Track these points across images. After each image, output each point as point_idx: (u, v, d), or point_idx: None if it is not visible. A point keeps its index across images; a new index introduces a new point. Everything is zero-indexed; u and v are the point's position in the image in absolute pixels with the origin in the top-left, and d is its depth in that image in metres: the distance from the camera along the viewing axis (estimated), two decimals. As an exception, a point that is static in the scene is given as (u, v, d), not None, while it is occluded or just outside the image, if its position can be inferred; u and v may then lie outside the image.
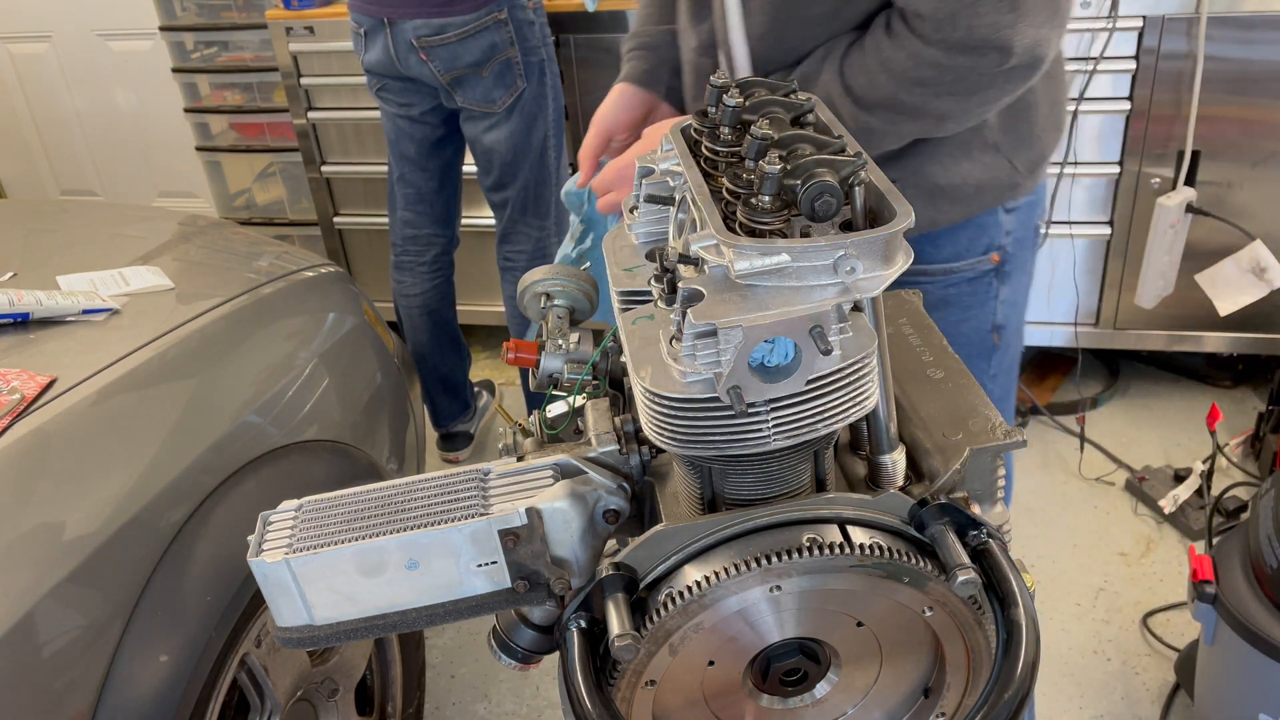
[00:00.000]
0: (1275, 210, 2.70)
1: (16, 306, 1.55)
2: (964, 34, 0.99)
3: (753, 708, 0.85)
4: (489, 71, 2.44)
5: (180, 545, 1.37)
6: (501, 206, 2.68)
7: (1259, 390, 3.11)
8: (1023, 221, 1.29)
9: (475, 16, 2.37)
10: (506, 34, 2.42)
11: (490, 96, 2.48)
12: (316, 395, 1.73)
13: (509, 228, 2.70)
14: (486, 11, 2.38)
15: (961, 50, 1.00)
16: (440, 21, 2.37)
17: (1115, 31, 2.59)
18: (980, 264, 1.28)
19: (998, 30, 0.99)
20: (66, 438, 1.34)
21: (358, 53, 2.58)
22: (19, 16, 4.09)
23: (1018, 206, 1.27)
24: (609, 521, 0.83)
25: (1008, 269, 1.30)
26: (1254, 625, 1.69)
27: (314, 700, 1.67)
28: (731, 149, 0.80)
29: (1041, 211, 1.33)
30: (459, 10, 2.36)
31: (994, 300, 1.31)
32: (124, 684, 1.26)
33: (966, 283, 1.28)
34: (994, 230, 1.27)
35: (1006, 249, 1.28)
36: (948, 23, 0.99)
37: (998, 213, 1.25)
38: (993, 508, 0.86)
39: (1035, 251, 1.36)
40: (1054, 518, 2.68)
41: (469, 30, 2.38)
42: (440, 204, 2.76)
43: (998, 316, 1.33)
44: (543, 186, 2.63)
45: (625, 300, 0.89)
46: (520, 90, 2.48)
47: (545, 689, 2.29)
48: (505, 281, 2.79)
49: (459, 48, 2.40)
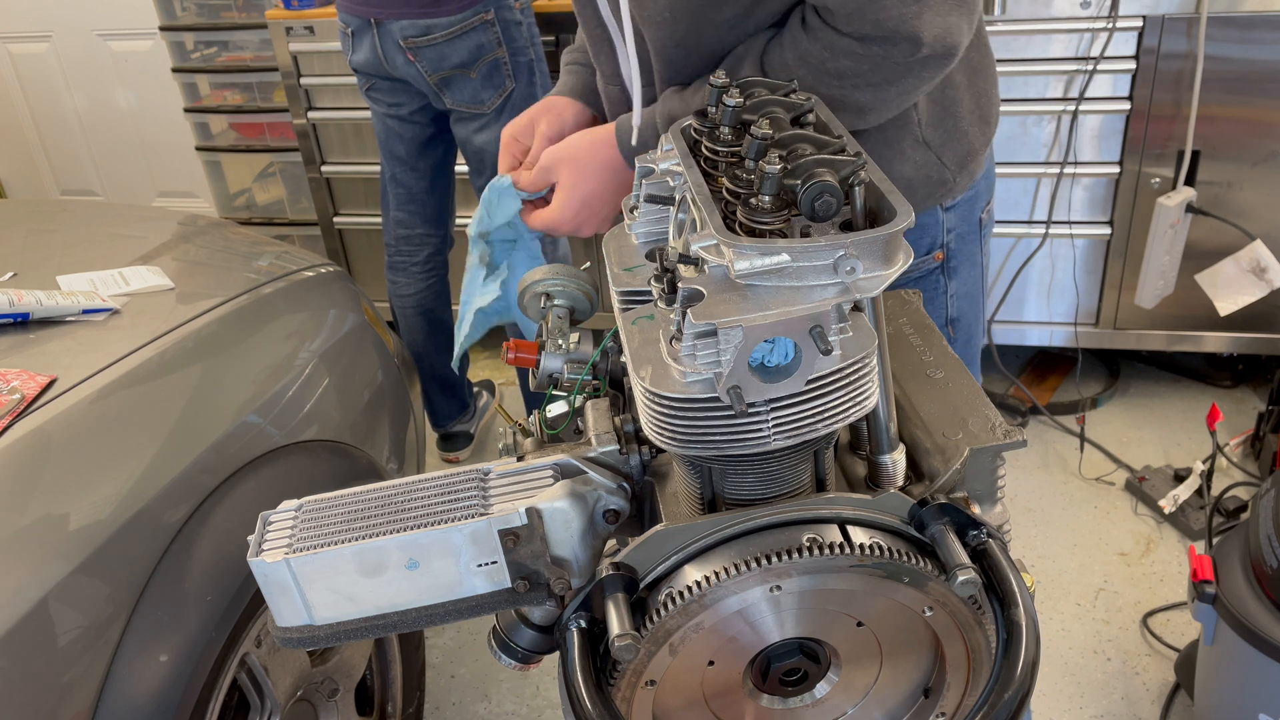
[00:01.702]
0: (1275, 210, 2.70)
1: (16, 306, 1.55)
2: (872, 26, 1.01)
3: (753, 708, 0.85)
4: (477, 72, 2.43)
5: (180, 545, 1.37)
6: None
7: (1259, 390, 3.11)
8: (963, 217, 1.31)
9: (462, 17, 2.37)
10: (494, 34, 2.41)
11: (479, 97, 2.48)
12: (316, 395, 1.73)
13: None
14: (473, 12, 2.37)
15: (874, 41, 1.02)
16: (426, 22, 2.37)
17: (1115, 31, 2.59)
18: (925, 264, 1.30)
19: (904, 21, 1.00)
20: (66, 437, 1.34)
21: (345, 53, 2.59)
22: (19, 16, 4.09)
23: (955, 204, 1.29)
24: (609, 521, 0.83)
25: (953, 264, 1.32)
26: (1254, 625, 1.69)
27: (314, 700, 1.67)
28: (731, 149, 0.80)
29: (985, 202, 1.35)
30: (445, 11, 2.36)
31: (943, 295, 1.33)
32: (124, 684, 1.26)
33: (913, 283, 1.29)
34: (934, 229, 1.28)
35: (949, 246, 1.31)
36: (856, 16, 1.01)
37: (936, 212, 1.27)
38: (993, 508, 0.86)
39: (984, 240, 1.37)
40: (1054, 518, 2.68)
41: (455, 31, 2.38)
42: (432, 204, 2.76)
43: (950, 311, 1.35)
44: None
45: (625, 300, 0.89)
46: (509, 90, 2.48)
47: (545, 689, 2.29)
48: None
49: (446, 48, 2.40)
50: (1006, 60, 2.70)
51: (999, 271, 2.98)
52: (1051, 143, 2.77)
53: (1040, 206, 2.86)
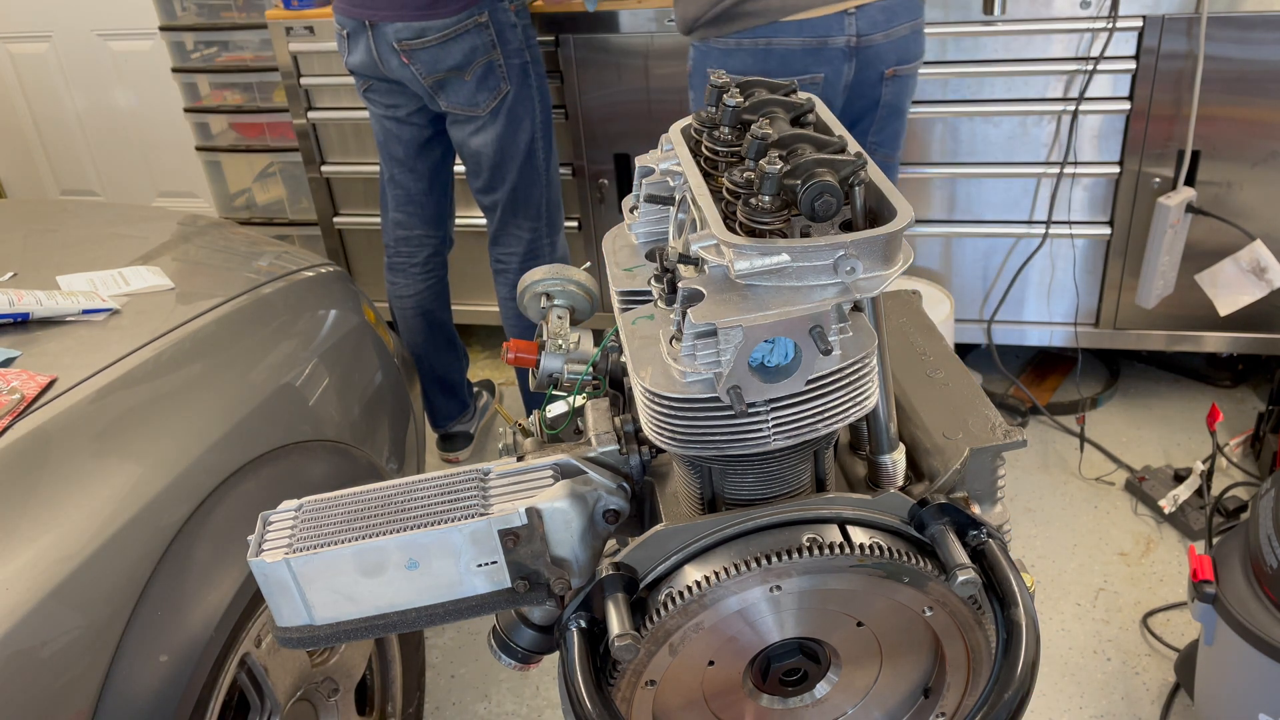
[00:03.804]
0: (1275, 210, 2.70)
1: (16, 306, 1.55)
2: None
3: (753, 708, 0.85)
4: (472, 75, 2.43)
5: (180, 545, 1.37)
6: (491, 209, 2.68)
7: (1259, 390, 3.11)
8: None
9: (456, 20, 2.37)
10: (488, 36, 2.41)
11: (474, 100, 2.48)
12: (316, 395, 1.73)
13: (500, 230, 2.71)
14: (467, 15, 2.37)
15: None
16: (420, 25, 2.37)
17: (1115, 31, 2.59)
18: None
19: None
20: (66, 437, 1.34)
21: (342, 54, 2.59)
22: (19, 16, 4.09)
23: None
24: (609, 521, 0.83)
25: None
26: (1254, 625, 1.69)
27: (314, 700, 1.67)
28: (731, 149, 0.80)
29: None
30: (439, 14, 2.36)
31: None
32: (124, 684, 1.26)
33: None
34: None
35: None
36: None
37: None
38: (993, 508, 0.86)
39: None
40: (1054, 518, 2.68)
41: (449, 33, 2.38)
42: (431, 205, 2.76)
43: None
44: (532, 189, 2.63)
45: (625, 300, 0.89)
46: (505, 93, 2.48)
47: (545, 689, 2.29)
48: (499, 284, 2.80)
49: (440, 51, 2.40)
50: (1006, 60, 2.70)
51: (999, 271, 2.98)
52: (1051, 143, 2.77)
53: (1040, 206, 2.86)
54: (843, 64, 2.19)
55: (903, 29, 2.23)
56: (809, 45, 2.15)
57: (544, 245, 2.71)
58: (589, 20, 2.85)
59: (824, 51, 2.17)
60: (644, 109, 2.94)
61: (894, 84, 2.30)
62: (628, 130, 2.98)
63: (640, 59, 2.88)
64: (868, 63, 2.22)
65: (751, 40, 2.15)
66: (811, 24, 2.13)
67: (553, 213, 2.70)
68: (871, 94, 2.29)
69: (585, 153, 3.05)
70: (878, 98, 2.30)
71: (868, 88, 2.27)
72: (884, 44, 2.21)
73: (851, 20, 2.15)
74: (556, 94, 2.97)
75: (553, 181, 2.67)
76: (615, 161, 3.04)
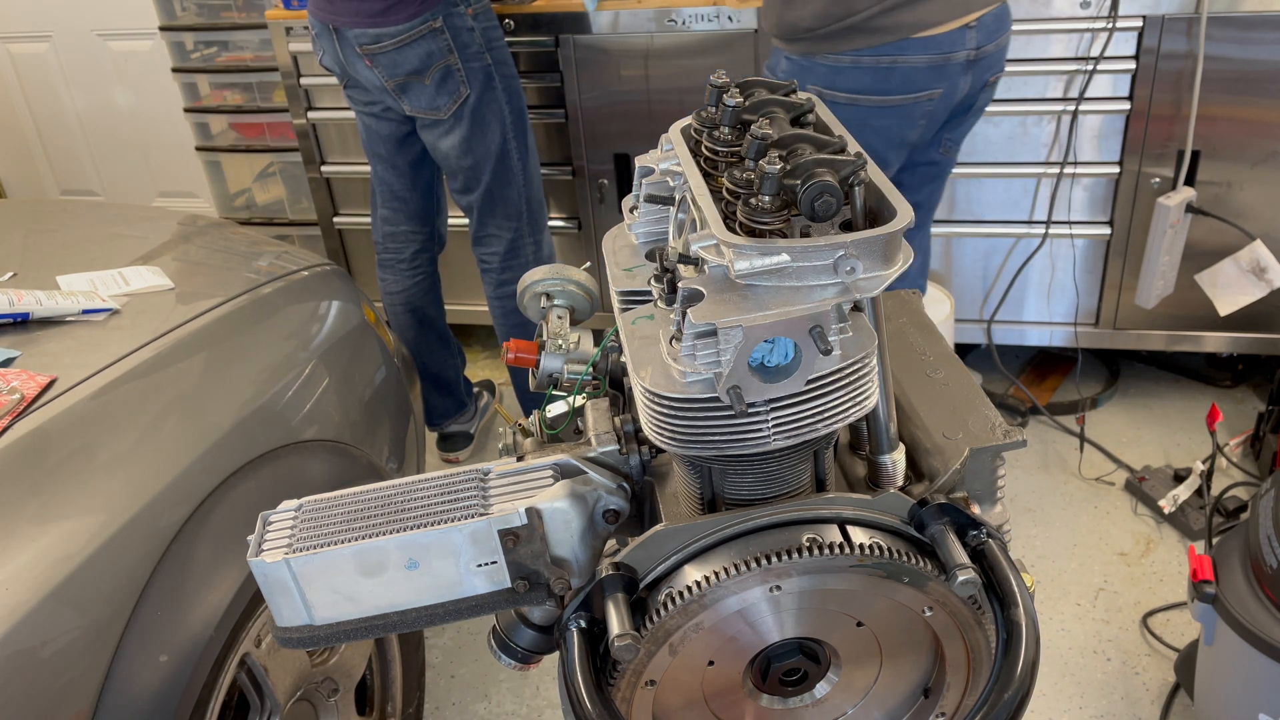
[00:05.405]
0: (1275, 210, 2.70)
1: (16, 306, 1.55)
2: None
3: (753, 708, 0.85)
4: (431, 79, 2.45)
5: (180, 545, 1.37)
6: (469, 210, 2.70)
7: (1259, 390, 3.11)
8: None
9: (409, 26, 2.39)
10: (443, 41, 2.43)
11: (435, 103, 2.49)
12: (316, 395, 1.73)
13: (479, 230, 2.72)
14: (420, 20, 2.39)
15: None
16: (376, 31, 2.40)
17: (1115, 31, 2.59)
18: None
19: None
20: (66, 438, 1.34)
21: (316, 54, 2.61)
22: (19, 16, 4.09)
23: None
24: (609, 521, 0.83)
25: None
26: (1254, 625, 1.69)
27: (314, 700, 1.67)
28: (731, 149, 0.80)
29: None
30: (392, 20, 2.38)
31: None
32: (124, 684, 1.26)
33: None
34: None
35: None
36: None
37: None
38: (993, 508, 0.86)
39: None
40: (1054, 518, 2.68)
41: (404, 39, 2.40)
42: (415, 200, 2.77)
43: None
44: (507, 189, 2.64)
45: (625, 300, 0.89)
46: (464, 97, 2.49)
47: (545, 689, 2.29)
48: (485, 283, 2.82)
49: (397, 55, 2.42)
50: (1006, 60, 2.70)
51: (999, 271, 2.98)
52: (1051, 143, 2.77)
53: (1040, 206, 2.86)
54: (959, 78, 2.11)
55: (1007, 35, 2.17)
56: (934, 62, 2.06)
57: (526, 244, 2.72)
58: (589, 20, 2.85)
59: (946, 68, 2.08)
60: (644, 109, 2.94)
61: (991, 89, 2.25)
62: (628, 130, 2.98)
63: (640, 59, 2.88)
64: (979, 74, 2.15)
65: (874, 58, 2.03)
66: (938, 40, 2.04)
67: (534, 212, 2.70)
68: (971, 102, 2.23)
69: (585, 153, 3.05)
70: (973, 103, 2.23)
71: (971, 97, 2.21)
72: (994, 53, 2.15)
73: (973, 34, 2.07)
74: (556, 94, 2.98)
75: (531, 180, 2.67)
76: (615, 161, 3.04)
